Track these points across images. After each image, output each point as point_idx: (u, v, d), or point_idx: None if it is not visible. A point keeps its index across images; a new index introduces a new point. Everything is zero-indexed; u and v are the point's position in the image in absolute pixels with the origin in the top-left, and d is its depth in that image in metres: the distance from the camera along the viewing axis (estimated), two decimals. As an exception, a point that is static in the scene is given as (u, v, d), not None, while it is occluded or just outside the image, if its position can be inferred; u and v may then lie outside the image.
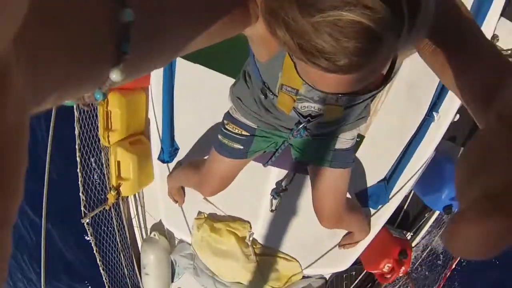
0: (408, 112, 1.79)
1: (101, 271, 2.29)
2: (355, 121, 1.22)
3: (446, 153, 2.17)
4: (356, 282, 2.54)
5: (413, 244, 2.49)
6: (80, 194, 2.09)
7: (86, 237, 2.24)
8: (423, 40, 0.49)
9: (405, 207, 2.46)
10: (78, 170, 2.09)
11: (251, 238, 2.05)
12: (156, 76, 1.77)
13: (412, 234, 2.54)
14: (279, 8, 0.40)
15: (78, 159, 2.06)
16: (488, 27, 1.62)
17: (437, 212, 2.46)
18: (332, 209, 1.44)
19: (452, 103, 1.73)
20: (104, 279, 2.31)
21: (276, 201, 1.88)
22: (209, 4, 0.41)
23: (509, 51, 2.12)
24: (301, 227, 2.01)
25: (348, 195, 1.65)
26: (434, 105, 1.74)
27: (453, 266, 2.00)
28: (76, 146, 2.03)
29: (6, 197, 0.16)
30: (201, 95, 1.86)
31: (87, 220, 2.11)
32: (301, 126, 1.10)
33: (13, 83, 0.16)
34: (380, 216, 2.01)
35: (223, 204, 2.05)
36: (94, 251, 2.24)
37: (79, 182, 2.10)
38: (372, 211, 2.00)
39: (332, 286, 2.43)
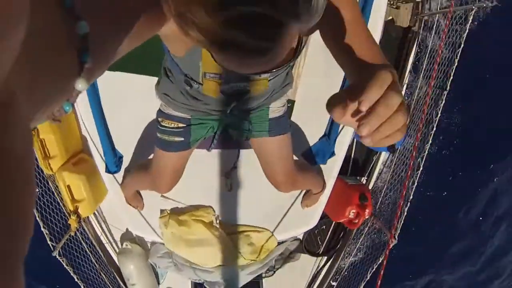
0: (330, 69, 1.85)
1: (89, 296, 2.27)
2: (281, 89, 1.29)
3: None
4: (328, 234, 2.67)
5: (370, 187, 2.66)
6: (42, 229, 2.04)
7: (61, 269, 2.19)
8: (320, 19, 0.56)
9: (352, 156, 2.56)
10: (32, 206, 2.01)
11: (217, 221, 2.10)
12: None
13: (366, 178, 2.66)
14: (187, 11, 0.43)
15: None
16: None
17: (383, 153, 2.59)
18: (284, 174, 1.53)
19: None
20: (93, 304, 2.29)
21: (230, 180, 1.93)
22: (133, 6, 0.43)
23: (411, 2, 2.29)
24: (260, 197, 2.06)
25: (296, 158, 1.75)
26: None
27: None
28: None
29: (15, 231, 0.14)
30: (129, 100, 1.85)
31: (57, 252, 2.08)
32: (232, 105, 1.15)
33: (20, 111, 0.16)
34: (331, 169, 2.12)
35: (181, 196, 2.07)
36: (76, 280, 2.21)
37: (37, 218, 2.04)
38: (322, 166, 2.10)
39: (308, 244, 2.55)
